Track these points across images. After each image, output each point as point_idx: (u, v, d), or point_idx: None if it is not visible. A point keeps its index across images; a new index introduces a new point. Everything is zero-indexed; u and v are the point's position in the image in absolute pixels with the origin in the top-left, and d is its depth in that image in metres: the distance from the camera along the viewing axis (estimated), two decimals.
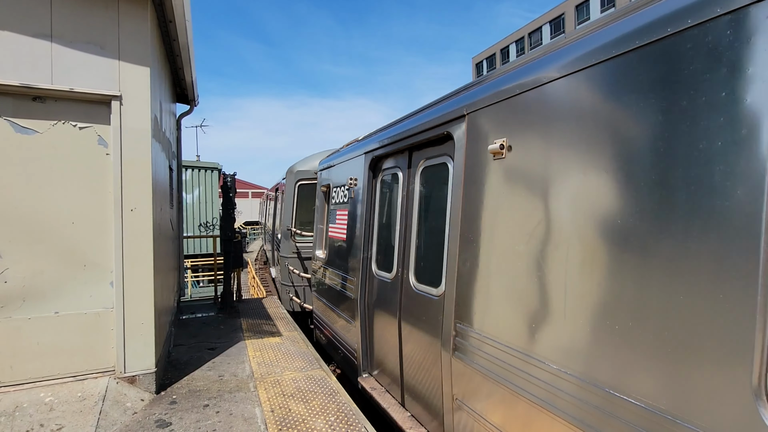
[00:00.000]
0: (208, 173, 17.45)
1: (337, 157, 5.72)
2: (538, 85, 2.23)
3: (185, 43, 5.19)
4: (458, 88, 3.27)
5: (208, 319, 7.33)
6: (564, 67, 2.10)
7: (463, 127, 2.86)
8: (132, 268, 4.03)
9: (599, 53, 1.91)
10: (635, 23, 1.78)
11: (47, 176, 3.81)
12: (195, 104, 7.66)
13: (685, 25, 1.55)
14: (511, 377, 2.29)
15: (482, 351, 2.54)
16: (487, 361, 2.49)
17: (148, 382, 4.13)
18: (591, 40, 2.02)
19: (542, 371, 2.09)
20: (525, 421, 2.20)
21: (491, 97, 2.61)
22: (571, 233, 1.97)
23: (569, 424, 1.92)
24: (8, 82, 3.59)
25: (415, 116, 3.73)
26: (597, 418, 1.79)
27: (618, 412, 1.70)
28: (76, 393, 3.77)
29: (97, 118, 3.97)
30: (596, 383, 1.81)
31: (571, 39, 2.23)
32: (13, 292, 3.73)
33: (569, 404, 1.92)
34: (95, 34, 3.85)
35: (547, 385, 2.05)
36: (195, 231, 16.86)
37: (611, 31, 1.91)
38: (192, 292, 15.07)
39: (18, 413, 3.47)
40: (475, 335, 2.62)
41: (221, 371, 4.86)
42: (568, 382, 1.93)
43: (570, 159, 1.99)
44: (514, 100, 2.41)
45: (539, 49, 2.48)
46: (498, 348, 2.40)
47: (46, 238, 3.81)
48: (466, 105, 2.85)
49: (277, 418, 3.78)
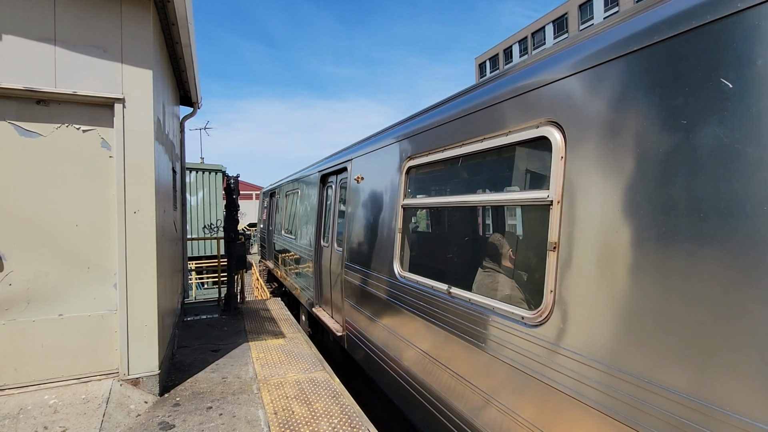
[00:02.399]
0: (212, 175, 17.52)
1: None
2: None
3: (188, 46, 5.21)
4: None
5: (212, 320, 7.34)
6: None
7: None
8: (135, 270, 4.04)
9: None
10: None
11: (51, 179, 3.82)
12: (198, 106, 7.68)
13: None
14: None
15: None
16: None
17: (151, 384, 4.13)
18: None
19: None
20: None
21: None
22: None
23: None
24: (12, 85, 3.61)
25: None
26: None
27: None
28: (80, 395, 3.78)
29: (101, 121, 3.98)
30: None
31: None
32: (18, 295, 3.74)
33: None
34: (98, 37, 3.87)
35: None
36: (199, 233, 16.92)
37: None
38: (196, 294, 15.12)
39: (22, 416, 3.47)
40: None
41: (225, 373, 4.85)
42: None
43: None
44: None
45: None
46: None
47: (50, 240, 3.83)
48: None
49: (280, 420, 3.77)
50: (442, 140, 3.22)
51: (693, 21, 1.57)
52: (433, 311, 3.18)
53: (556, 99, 2.17)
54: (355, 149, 5.44)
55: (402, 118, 4.24)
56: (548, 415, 2.07)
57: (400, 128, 4.12)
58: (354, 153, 5.40)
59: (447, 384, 2.97)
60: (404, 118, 4.17)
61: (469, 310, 2.73)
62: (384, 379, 4.06)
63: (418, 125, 3.69)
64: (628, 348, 1.71)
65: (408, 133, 3.86)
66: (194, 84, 6.71)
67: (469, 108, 2.93)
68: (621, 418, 1.71)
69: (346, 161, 5.59)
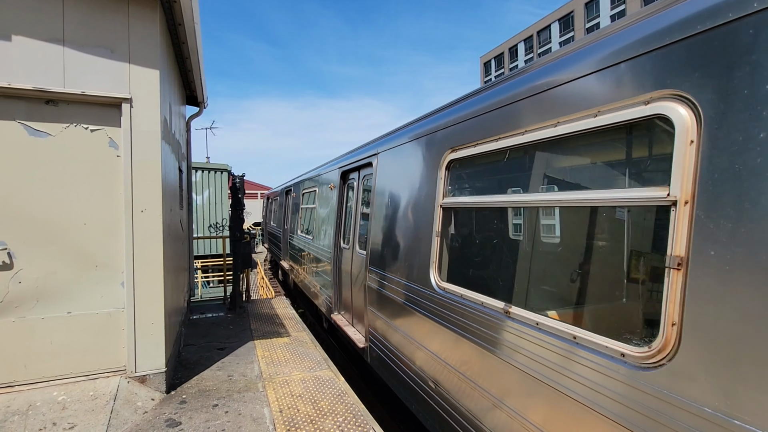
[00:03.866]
0: (218, 174, 17.62)
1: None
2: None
3: (194, 46, 5.24)
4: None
5: (217, 319, 7.38)
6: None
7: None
8: (142, 268, 4.07)
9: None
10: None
11: (59, 178, 3.87)
12: (204, 106, 7.73)
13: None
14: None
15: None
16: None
17: (158, 381, 4.17)
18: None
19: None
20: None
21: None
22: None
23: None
24: (22, 85, 3.65)
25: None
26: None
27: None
28: (88, 392, 3.82)
29: (108, 121, 4.02)
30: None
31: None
32: (27, 293, 3.79)
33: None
34: (106, 37, 3.90)
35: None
36: (205, 232, 17.02)
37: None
38: (202, 293, 15.22)
39: (31, 412, 3.52)
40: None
41: (230, 371, 4.89)
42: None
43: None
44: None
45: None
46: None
47: (59, 239, 3.87)
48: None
49: (285, 418, 3.79)
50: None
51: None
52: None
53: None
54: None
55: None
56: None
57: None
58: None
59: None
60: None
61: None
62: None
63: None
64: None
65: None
66: (200, 84, 6.75)
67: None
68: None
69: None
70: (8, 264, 3.73)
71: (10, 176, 3.71)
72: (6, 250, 3.72)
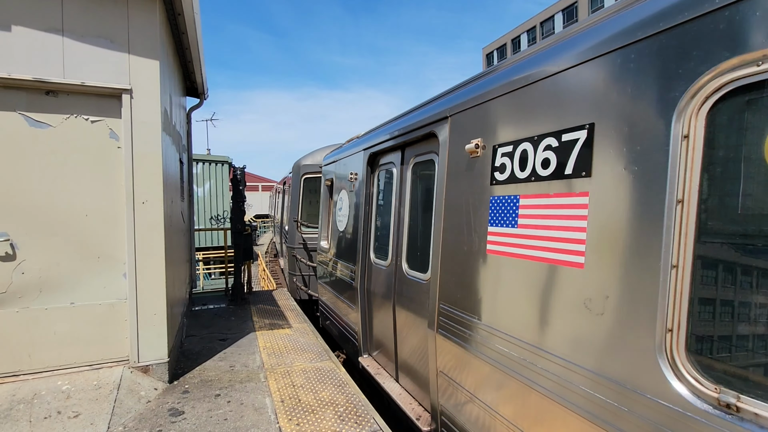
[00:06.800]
0: (219, 166, 17.59)
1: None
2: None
3: (194, 36, 5.20)
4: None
5: (219, 310, 7.43)
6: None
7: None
8: (144, 259, 4.09)
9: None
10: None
11: (61, 169, 3.87)
12: (205, 97, 7.70)
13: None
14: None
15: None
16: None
17: (161, 371, 4.21)
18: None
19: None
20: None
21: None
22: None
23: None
24: (22, 76, 3.64)
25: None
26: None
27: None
28: (92, 381, 3.86)
29: (109, 112, 4.01)
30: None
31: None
32: (30, 283, 3.81)
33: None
34: (105, 28, 3.88)
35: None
36: (207, 224, 17.06)
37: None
38: (204, 284, 15.30)
39: (36, 401, 3.56)
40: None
41: (232, 362, 4.93)
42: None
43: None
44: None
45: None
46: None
47: (61, 230, 3.88)
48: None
49: (287, 408, 3.83)
50: None
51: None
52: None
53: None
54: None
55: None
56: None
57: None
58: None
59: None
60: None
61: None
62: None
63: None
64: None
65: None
66: (201, 74, 6.71)
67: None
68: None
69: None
70: (11, 255, 3.75)
71: (12, 168, 3.71)
72: (8, 241, 3.73)
